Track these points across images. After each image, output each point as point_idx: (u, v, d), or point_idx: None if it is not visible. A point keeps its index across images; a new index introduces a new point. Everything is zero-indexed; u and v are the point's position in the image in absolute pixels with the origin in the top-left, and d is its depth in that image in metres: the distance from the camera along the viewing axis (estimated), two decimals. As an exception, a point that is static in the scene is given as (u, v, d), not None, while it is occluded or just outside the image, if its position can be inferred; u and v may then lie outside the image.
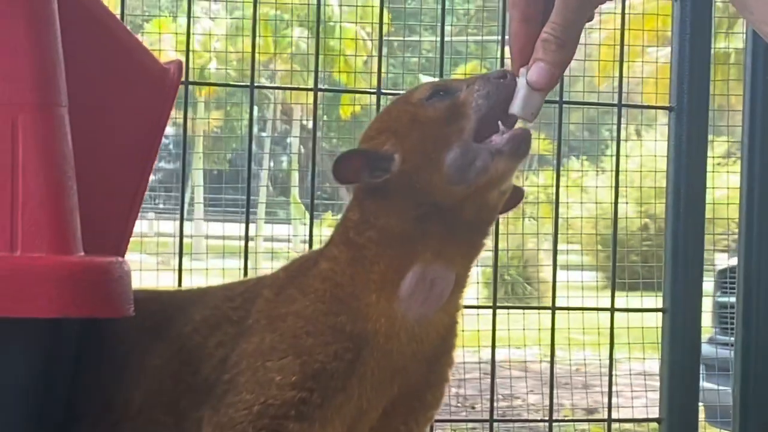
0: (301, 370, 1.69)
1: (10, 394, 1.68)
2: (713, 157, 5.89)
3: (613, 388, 2.98)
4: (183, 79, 2.16)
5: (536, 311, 6.25)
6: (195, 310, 1.85)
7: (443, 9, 2.95)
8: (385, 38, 2.95)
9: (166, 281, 5.32)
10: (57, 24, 1.71)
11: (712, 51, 2.93)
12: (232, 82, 8.76)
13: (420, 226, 1.70)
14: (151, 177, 1.98)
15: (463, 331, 1.85)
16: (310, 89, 2.81)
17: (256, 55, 2.80)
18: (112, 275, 1.67)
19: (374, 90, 2.82)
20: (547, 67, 1.55)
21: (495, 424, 2.96)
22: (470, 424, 6.32)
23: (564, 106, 3.00)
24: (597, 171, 8.68)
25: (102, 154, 1.85)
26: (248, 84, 2.77)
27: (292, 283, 1.78)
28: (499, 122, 1.68)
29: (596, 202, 7.25)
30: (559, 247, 3.07)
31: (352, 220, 1.76)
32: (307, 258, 1.83)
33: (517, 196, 1.80)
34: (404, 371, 1.74)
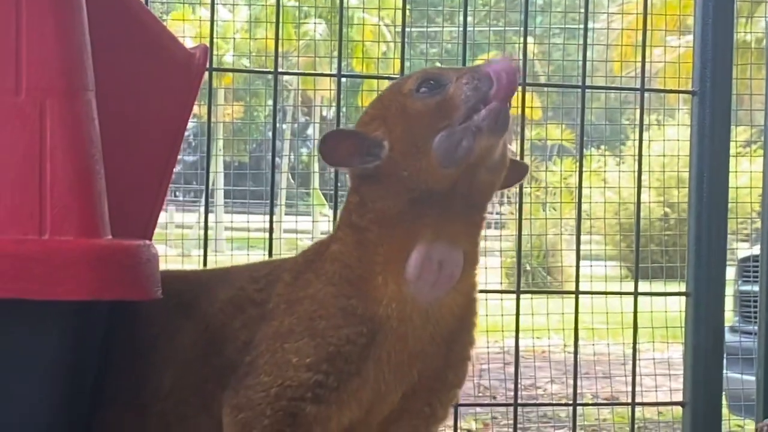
0: (316, 353, 1.71)
1: (39, 377, 1.69)
2: (735, 141, 5.87)
3: (636, 377, 2.96)
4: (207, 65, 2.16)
5: (559, 297, 6.23)
6: (220, 289, 1.86)
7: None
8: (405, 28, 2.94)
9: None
10: (84, 10, 1.72)
11: (735, 35, 2.91)
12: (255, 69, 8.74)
13: (415, 207, 1.71)
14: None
15: (486, 316, 1.85)
16: (334, 75, 2.82)
17: (279, 42, 2.80)
18: (140, 258, 1.69)
19: (397, 76, 2.82)
20: None
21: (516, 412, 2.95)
22: (492, 412, 6.33)
23: (586, 93, 2.98)
24: (618, 157, 8.65)
25: (129, 139, 1.86)
26: (272, 71, 2.78)
27: (309, 268, 1.80)
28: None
29: (618, 186, 7.22)
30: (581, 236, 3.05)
31: (353, 203, 1.78)
32: (322, 242, 1.85)
33: (520, 170, 1.83)
34: (423, 355, 1.75)
